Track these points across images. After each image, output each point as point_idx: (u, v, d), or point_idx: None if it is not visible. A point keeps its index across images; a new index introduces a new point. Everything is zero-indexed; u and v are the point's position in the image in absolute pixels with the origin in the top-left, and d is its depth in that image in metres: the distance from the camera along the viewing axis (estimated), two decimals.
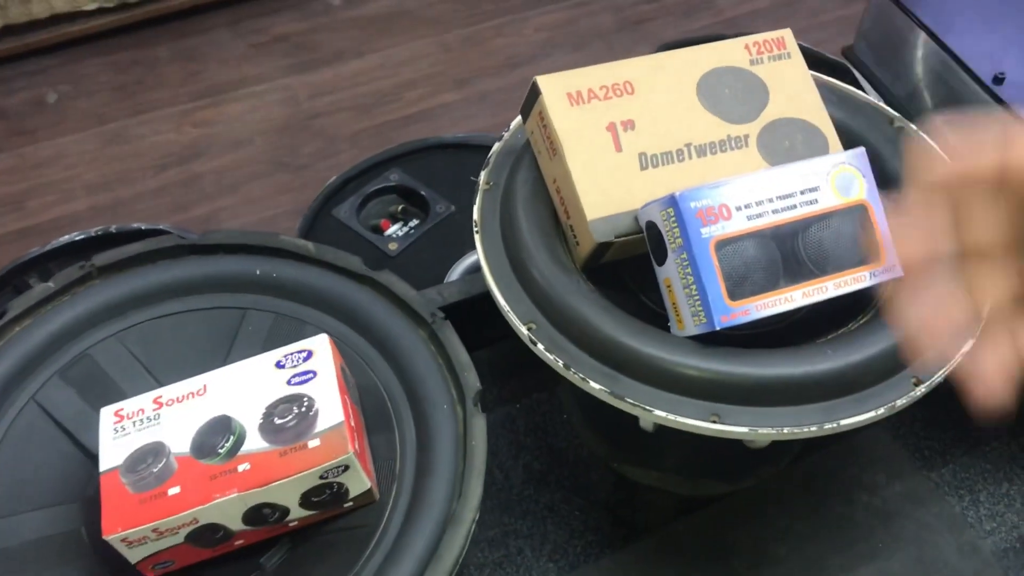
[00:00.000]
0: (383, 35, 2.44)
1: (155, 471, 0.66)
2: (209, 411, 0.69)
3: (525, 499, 0.90)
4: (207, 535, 0.67)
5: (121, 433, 0.68)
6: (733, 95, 0.81)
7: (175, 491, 0.65)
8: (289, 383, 0.69)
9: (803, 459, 0.92)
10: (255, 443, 0.66)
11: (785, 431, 0.69)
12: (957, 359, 0.74)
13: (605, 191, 0.76)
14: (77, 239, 1.15)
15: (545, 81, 0.78)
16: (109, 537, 0.63)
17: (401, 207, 1.32)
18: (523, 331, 0.74)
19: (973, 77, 0.82)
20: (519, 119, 0.85)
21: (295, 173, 2.13)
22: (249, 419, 0.68)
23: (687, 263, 0.70)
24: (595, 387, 0.71)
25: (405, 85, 2.33)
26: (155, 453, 0.67)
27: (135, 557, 0.66)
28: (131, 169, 2.06)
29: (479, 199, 0.83)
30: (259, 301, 0.80)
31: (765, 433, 0.69)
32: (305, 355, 0.71)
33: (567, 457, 0.92)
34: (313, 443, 0.66)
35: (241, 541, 0.70)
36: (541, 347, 0.73)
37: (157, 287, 0.80)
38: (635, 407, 0.70)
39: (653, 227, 0.73)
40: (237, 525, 0.67)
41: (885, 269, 0.75)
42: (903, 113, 0.90)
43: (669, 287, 0.73)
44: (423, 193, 1.30)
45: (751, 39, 0.82)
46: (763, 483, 0.88)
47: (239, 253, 0.81)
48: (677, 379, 0.70)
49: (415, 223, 1.30)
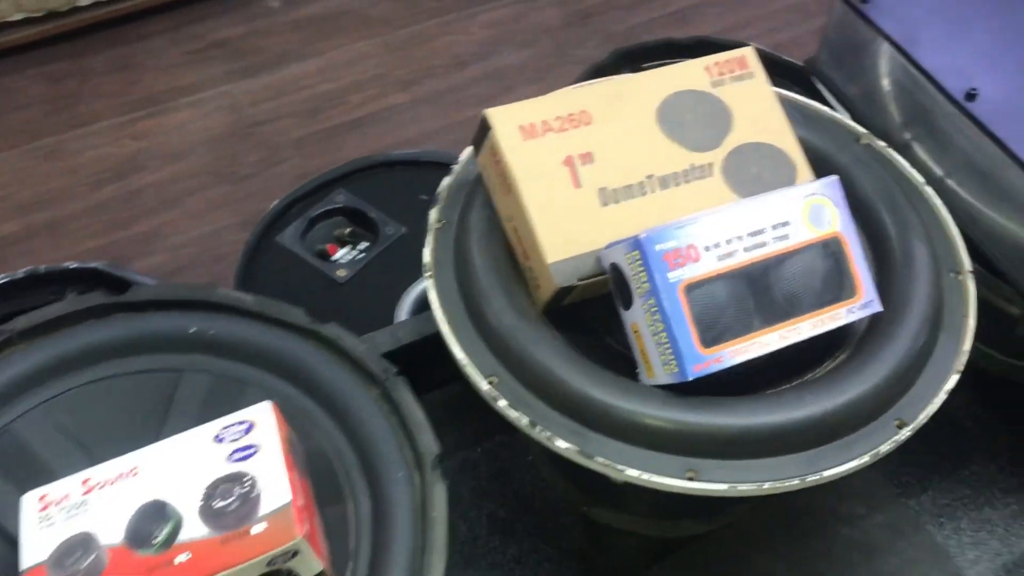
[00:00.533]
0: (325, 37, 2.37)
1: (84, 566, 0.60)
2: (143, 494, 0.63)
3: (491, 551, 0.85)
4: None
5: (46, 523, 0.62)
6: (695, 121, 0.76)
7: None
8: (229, 459, 0.63)
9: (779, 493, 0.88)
10: (194, 530, 0.61)
11: (766, 486, 0.65)
12: (941, 397, 0.70)
13: (565, 231, 0.71)
14: (1, 282, 1.06)
15: (496, 114, 0.72)
16: None
17: (349, 230, 1.25)
18: (483, 386, 0.69)
19: (944, 93, 0.78)
20: (470, 149, 0.79)
21: (239, 184, 2.06)
22: (187, 502, 0.62)
23: (655, 309, 0.66)
24: (563, 446, 0.66)
25: (350, 88, 2.27)
26: (84, 545, 0.61)
27: None
28: (67, 186, 1.98)
29: (430, 239, 0.77)
30: (196, 361, 0.74)
31: (745, 490, 0.65)
32: (246, 427, 0.65)
33: (533, 503, 0.87)
34: (258, 528, 0.60)
35: None
36: (503, 404, 0.68)
37: (85, 350, 0.73)
38: (606, 467, 0.66)
39: (617, 270, 0.68)
40: None
41: (863, 304, 0.71)
42: (870, 128, 0.86)
43: (637, 333, 0.68)
44: (372, 214, 1.24)
45: (712, 60, 0.78)
46: (739, 521, 0.84)
47: (172, 309, 0.75)
48: (650, 434, 0.66)
49: (364, 246, 1.23)
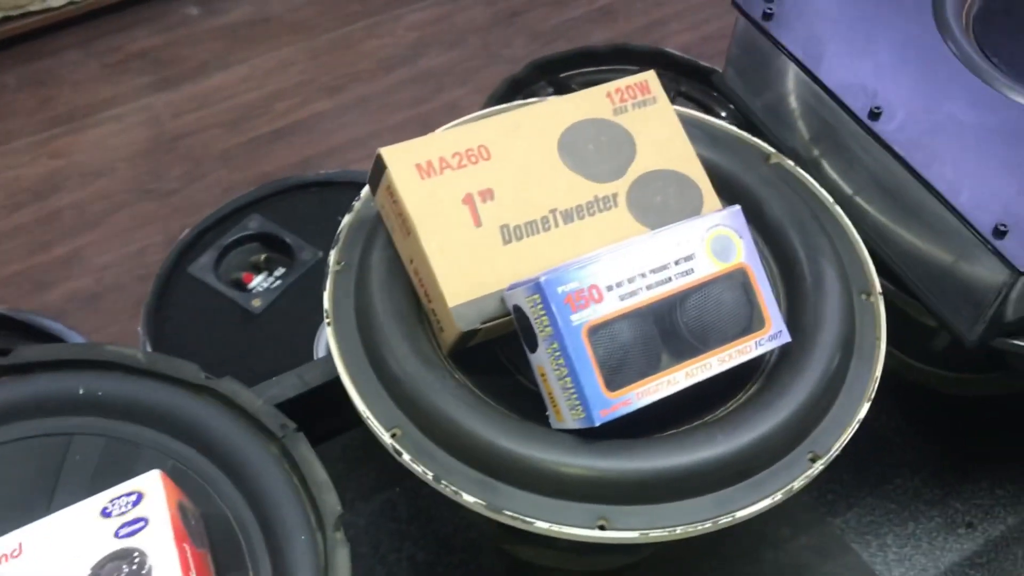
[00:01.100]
0: (247, 44, 2.31)
1: None
2: None
3: None
4: None
5: None
6: (598, 150, 0.74)
7: None
8: (117, 535, 0.60)
9: None
10: None
11: (679, 531, 0.64)
12: (854, 427, 0.69)
13: (467, 272, 0.69)
14: None
15: (391, 153, 0.70)
16: None
17: (264, 256, 1.22)
18: (386, 440, 0.67)
19: (847, 112, 0.77)
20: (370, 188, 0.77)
21: (163, 200, 2.01)
22: None
23: (559, 353, 0.64)
24: (470, 500, 0.64)
25: (274, 96, 2.22)
26: None
27: None
28: None
29: (329, 283, 0.75)
30: (86, 424, 0.70)
31: (657, 536, 0.63)
32: (135, 499, 0.62)
33: (455, 543, 0.85)
34: None
35: None
36: (407, 457, 0.66)
37: None
38: (515, 519, 0.64)
39: (520, 312, 0.66)
40: None
41: (771, 336, 0.69)
42: (780, 145, 0.85)
43: (544, 376, 0.66)
44: (287, 239, 1.21)
45: (613, 86, 0.76)
46: (667, 549, 0.83)
47: (59, 370, 0.71)
48: (559, 482, 0.64)
49: (281, 272, 1.20)
